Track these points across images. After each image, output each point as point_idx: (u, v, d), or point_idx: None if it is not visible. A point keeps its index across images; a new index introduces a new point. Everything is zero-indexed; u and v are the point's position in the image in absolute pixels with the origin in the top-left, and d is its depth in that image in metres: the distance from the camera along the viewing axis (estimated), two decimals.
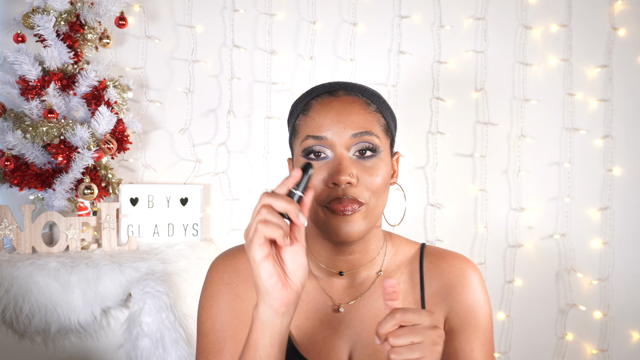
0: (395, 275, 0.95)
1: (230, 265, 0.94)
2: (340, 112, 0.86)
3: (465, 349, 0.91)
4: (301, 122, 0.90)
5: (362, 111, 0.87)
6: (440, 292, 0.94)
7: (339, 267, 0.93)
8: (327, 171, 0.85)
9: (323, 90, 0.91)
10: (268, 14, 1.88)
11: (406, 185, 1.91)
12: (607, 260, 1.93)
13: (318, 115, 0.87)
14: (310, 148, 0.86)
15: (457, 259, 0.97)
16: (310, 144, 0.86)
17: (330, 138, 0.85)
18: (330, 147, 0.85)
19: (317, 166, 0.86)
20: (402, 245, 0.99)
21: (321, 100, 0.89)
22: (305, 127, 0.88)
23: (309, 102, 0.90)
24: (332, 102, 0.88)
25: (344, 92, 0.90)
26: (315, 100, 0.90)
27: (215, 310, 0.91)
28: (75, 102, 1.68)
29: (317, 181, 0.85)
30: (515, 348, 1.93)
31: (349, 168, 0.84)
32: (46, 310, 1.41)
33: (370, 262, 0.94)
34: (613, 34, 1.90)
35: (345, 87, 0.91)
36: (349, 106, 0.87)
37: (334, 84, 0.92)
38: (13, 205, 1.67)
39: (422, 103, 1.91)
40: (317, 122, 0.86)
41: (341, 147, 0.85)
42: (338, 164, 0.84)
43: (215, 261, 0.97)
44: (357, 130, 0.85)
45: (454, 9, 1.90)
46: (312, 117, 0.88)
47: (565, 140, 1.92)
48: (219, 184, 1.90)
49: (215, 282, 0.93)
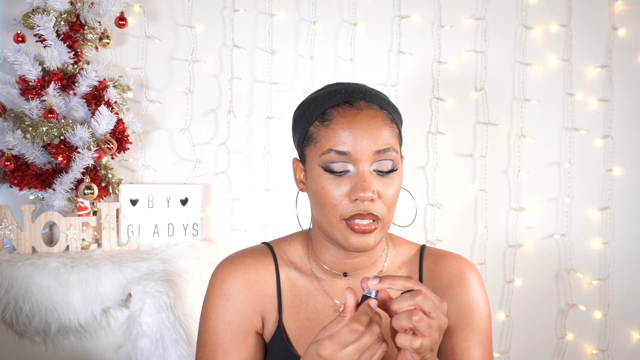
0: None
1: (229, 275, 0.96)
2: (365, 128, 0.86)
3: (461, 347, 0.91)
4: (321, 132, 0.88)
5: (385, 127, 0.87)
6: (439, 292, 0.95)
7: (343, 269, 0.95)
8: (349, 186, 0.85)
9: (342, 99, 0.89)
10: (268, 14, 1.88)
11: (406, 185, 1.91)
12: (607, 260, 1.93)
13: (342, 129, 0.86)
14: (333, 162, 0.86)
15: (455, 259, 0.97)
16: (333, 159, 0.86)
17: (354, 154, 0.85)
18: (353, 162, 0.86)
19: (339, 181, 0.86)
20: (402, 247, 1.00)
21: (343, 111, 0.88)
22: (326, 138, 0.87)
23: (329, 111, 0.89)
24: (356, 115, 0.87)
25: (365, 104, 0.88)
26: (335, 111, 0.88)
27: (213, 322, 0.94)
28: (75, 102, 1.68)
29: (338, 194, 0.86)
30: (515, 348, 1.93)
31: (372, 185, 0.85)
32: (46, 310, 1.41)
33: (373, 263, 0.95)
34: (613, 34, 1.90)
35: (364, 97, 0.89)
36: (373, 121, 0.87)
37: (352, 92, 0.90)
38: (13, 205, 1.67)
39: (422, 103, 1.91)
40: (341, 137, 0.86)
41: (364, 163, 0.85)
42: (362, 180, 0.84)
43: (216, 270, 0.98)
44: (381, 147, 0.86)
45: (454, 9, 1.90)
46: (335, 130, 0.86)
47: (565, 140, 1.92)
48: (219, 184, 1.90)
49: (214, 293, 0.96)
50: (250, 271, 0.96)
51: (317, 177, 0.88)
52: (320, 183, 0.87)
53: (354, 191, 0.84)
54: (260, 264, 0.97)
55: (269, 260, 0.97)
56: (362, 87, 0.92)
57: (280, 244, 1.00)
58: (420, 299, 0.72)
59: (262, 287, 0.96)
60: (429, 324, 0.71)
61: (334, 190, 0.86)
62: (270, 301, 0.95)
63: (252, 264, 0.96)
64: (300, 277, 0.97)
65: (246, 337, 0.94)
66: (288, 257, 0.98)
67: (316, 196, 0.88)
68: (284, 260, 0.98)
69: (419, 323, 0.71)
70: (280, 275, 0.96)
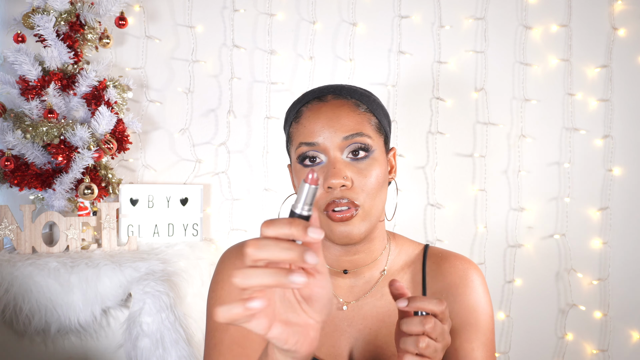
0: (398, 275, 0.97)
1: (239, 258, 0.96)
2: (329, 117, 0.88)
3: (465, 349, 0.91)
4: (294, 130, 0.91)
5: (351, 113, 0.88)
6: (442, 292, 0.95)
7: (344, 266, 0.95)
8: (322, 176, 0.86)
9: (312, 96, 0.92)
10: (268, 14, 1.88)
11: (406, 185, 1.91)
12: (606, 260, 1.93)
13: (309, 122, 0.89)
14: (304, 154, 0.88)
15: (459, 260, 0.97)
16: (304, 150, 0.88)
17: (322, 143, 0.87)
18: (324, 151, 0.87)
19: None
20: (405, 246, 1.00)
21: (311, 106, 0.91)
22: (297, 134, 0.90)
23: (300, 110, 0.92)
24: (322, 107, 0.89)
25: (332, 97, 0.91)
26: (305, 107, 0.91)
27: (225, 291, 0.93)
28: (75, 102, 1.68)
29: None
30: (515, 348, 1.93)
31: (342, 171, 0.85)
32: (46, 310, 1.41)
33: (374, 261, 0.95)
34: (613, 34, 1.90)
35: (333, 91, 0.92)
36: (338, 110, 0.88)
37: (323, 89, 0.93)
38: (13, 205, 1.67)
39: (422, 103, 1.91)
40: (308, 129, 0.88)
41: (334, 150, 0.86)
42: (332, 167, 0.85)
43: (227, 252, 0.99)
44: (348, 133, 0.87)
45: (454, 9, 1.90)
46: (304, 124, 0.89)
47: (565, 140, 1.92)
48: (219, 184, 1.90)
49: (226, 267, 0.95)
50: None
51: (297, 173, 0.90)
52: (299, 177, 0.90)
53: (325, 179, 0.85)
54: None
55: None
56: (337, 85, 0.94)
57: None
58: (429, 327, 0.72)
59: None
60: (434, 349, 0.72)
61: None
62: None
63: None
64: None
65: None
66: None
67: None
68: None
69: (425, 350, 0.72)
70: None
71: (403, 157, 1.90)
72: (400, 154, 1.90)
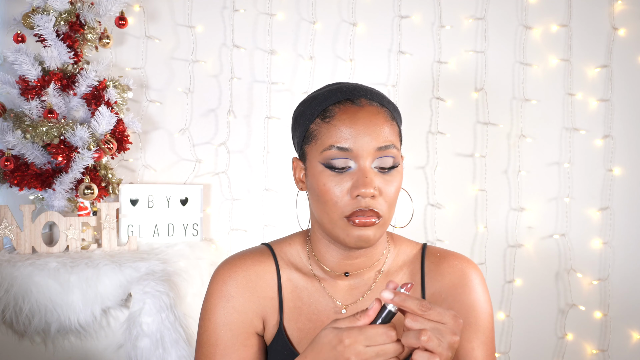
0: (397, 275, 0.97)
1: (230, 276, 0.95)
2: (366, 125, 0.86)
3: (465, 348, 0.91)
4: (322, 129, 0.88)
5: (386, 123, 0.88)
6: (441, 292, 0.95)
7: (344, 269, 0.94)
8: (351, 182, 0.85)
9: (343, 96, 0.89)
10: (268, 14, 1.88)
11: (406, 185, 1.91)
12: (607, 260, 1.93)
13: (343, 125, 0.86)
14: (335, 158, 0.86)
15: (458, 259, 0.97)
16: (335, 155, 0.86)
17: (355, 150, 0.85)
18: (355, 158, 0.85)
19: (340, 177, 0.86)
20: (403, 246, 1.00)
21: (344, 108, 0.87)
22: (328, 135, 0.87)
23: (330, 109, 0.88)
24: (358, 112, 0.87)
25: (366, 101, 0.89)
26: (337, 108, 0.88)
27: (212, 323, 0.94)
28: (75, 102, 1.68)
29: (340, 191, 0.86)
30: (515, 348, 1.93)
31: (373, 181, 0.85)
32: (46, 310, 1.41)
33: (374, 263, 0.95)
34: (613, 34, 1.90)
35: (365, 95, 0.89)
36: (374, 118, 0.87)
37: (353, 90, 0.90)
38: (13, 205, 1.67)
39: (422, 103, 1.91)
40: (343, 133, 0.86)
41: (365, 159, 0.85)
42: (364, 176, 0.84)
43: (217, 271, 0.98)
44: (383, 144, 0.86)
45: (454, 9, 1.90)
46: (337, 127, 0.86)
47: (565, 140, 1.92)
48: (219, 184, 1.90)
49: (214, 294, 0.95)
50: (251, 273, 0.95)
51: (318, 175, 0.87)
52: (321, 180, 0.87)
53: (355, 187, 0.84)
54: (261, 265, 0.96)
55: (269, 262, 0.97)
56: (362, 86, 0.92)
57: (280, 244, 1.00)
58: (424, 339, 0.71)
59: (263, 288, 0.95)
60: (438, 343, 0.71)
61: (335, 187, 0.86)
62: (271, 303, 0.95)
63: (252, 265, 0.96)
64: (301, 278, 0.96)
65: (246, 339, 0.93)
66: (289, 258, 0.98)
67: (317, 194, 0.88)
68: (285, 262, 0.97)
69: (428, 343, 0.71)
70: (282, 277, 0.96)
71: (403, 157, 1.90)
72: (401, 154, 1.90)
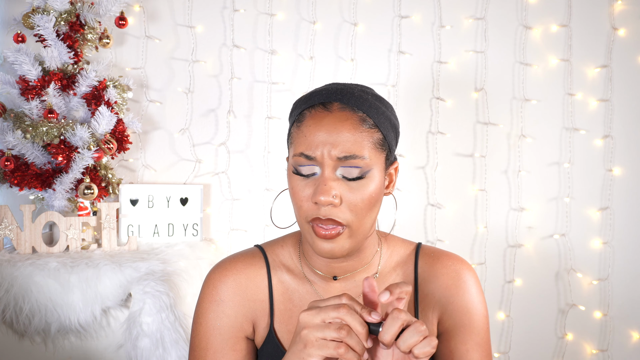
0: (390, 276, 0.96)
1: (220, 280, 0.96)
2: (329, 131, 0.84)
3: (460, 350, 0.91)
4: (295, 134, 0.88)
5: (352, 130, 0.84)
6: (435, 293, 0.94)
7: (334, 272, 0.94)
8: (313, 188, 0.85)
9: (318, 100, 0.87)
10: (268, 14, 1.88)
11: (406, 186, 1.91)
12: (607, 260, 1.93)
13: (309, 132, 0.85)
14: (302, 165, 0.86)
15: (451, 259, 0.96)
16: (302, 162, 0.85)
17: (319, 158, 0.84)
18: (320, 165, 0.85)
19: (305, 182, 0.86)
20: (397, 246, 0.99)
21: (314, 113, 0.86)
22: (298, 141, 0.87)
23: (303, 113, 0.88)
24: (324, 118, 0.85)
25: (338, 106, 0.86)
26: (309, 112, 0.87)
27: (203, 327, 0.94)
28: (75, 102, 1.68)
29: (304, 195, 0.86)
30: (515, 348, 1.93)
31: (332, 189, 0.83)
32: (46, 310, 1.41)
33: (366, 265, 0.94)
34: (613, 34, 1.90)
35: (341, 99, 0.86)
36: (340, 124, 0.84)
37: (331, 92, 0.88)
38: (13, 205, 1.67)
39: (422, 103, 1.91)
40: (309, 140, 0.85)
41: (328, 167, 0.84)
42: (322, 184, 0.83)
43: (208, 275, 0.98)
44: (342, 155, 0.83)
45: (454, 9, 1.90)
46: (304, 133, 0.86)
47: (565, 140, 1.92)
48: (219, 184, 1.90)
49: (205, 299, 0.96)
50: (242, 276, 0.95)
51: (290, 177, 0.88)
52: (292, 183, 0.88)
53: (314, 194, 0.84)
54: (251, 268, 0.96)
55: (260, 264, 0.97)
56: (347, 88, 0.89)
57: (272, 246, 1.00)
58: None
59: (253, 292, 0.95)
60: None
61: (300, 192, 0.86)
62: (261, 306, 0.95)
63: (243, 269, 0.96)
64: (292, 280, 0.96)
65: (235, 343, 0.93)
66: (280, 259, 0.98)
67: (290, 195, 0.89)
68: (277, 263, 0.97)
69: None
70: (272, 279, 0.96)
71: (403, 157, 1.90)
72: (401, 154, 1.90)
